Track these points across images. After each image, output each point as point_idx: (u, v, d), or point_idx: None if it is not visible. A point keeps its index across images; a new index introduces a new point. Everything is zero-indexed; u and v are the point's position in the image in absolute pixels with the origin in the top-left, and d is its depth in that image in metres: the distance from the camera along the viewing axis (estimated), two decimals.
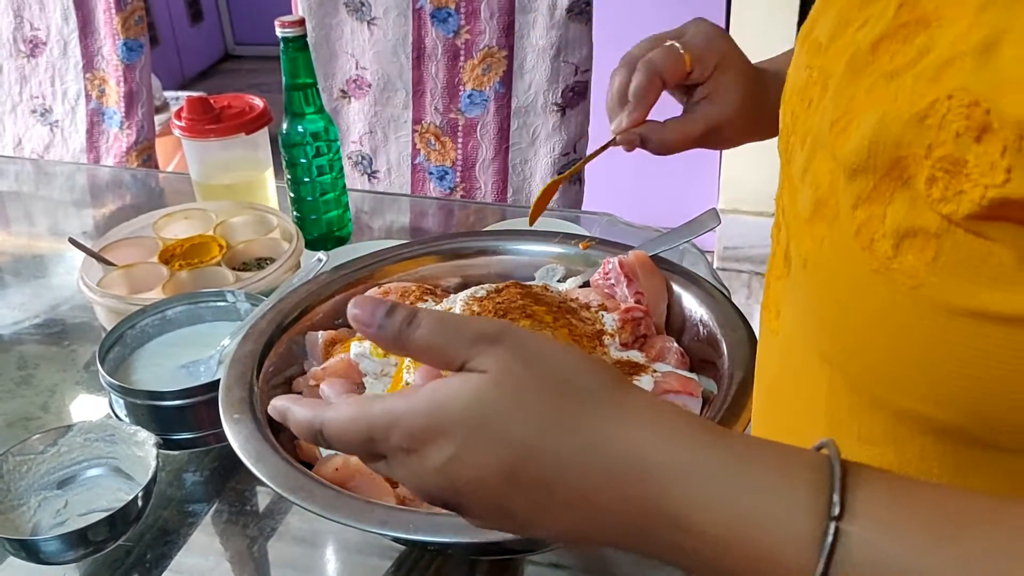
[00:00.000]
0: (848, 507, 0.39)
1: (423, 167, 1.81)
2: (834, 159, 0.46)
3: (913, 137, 0.41)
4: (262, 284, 1.10)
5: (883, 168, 0.43)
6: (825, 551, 0.38)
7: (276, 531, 0.88)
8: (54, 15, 1.97)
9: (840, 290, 0.47)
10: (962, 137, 0.39)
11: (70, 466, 0.89)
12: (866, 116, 0.44)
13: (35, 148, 2.10)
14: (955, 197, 0.40)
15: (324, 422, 0.47)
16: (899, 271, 0.43)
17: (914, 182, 0.41)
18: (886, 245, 0.43)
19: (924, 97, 0.41)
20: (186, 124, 1.30)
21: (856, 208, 0.45)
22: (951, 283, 0.41)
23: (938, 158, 0.40)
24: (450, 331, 0.46)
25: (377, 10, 1.70)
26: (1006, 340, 0.40)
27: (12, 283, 1.34)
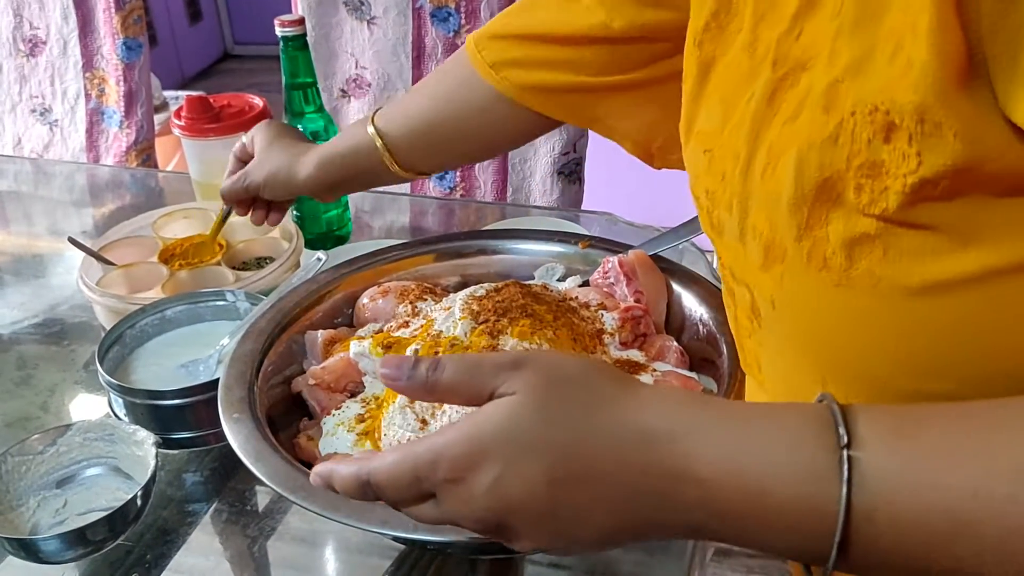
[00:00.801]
0: (854, 436, 0.41)
1: None
2: (769, 203, 0.51)
3: (832, 158, 0.46)
4: (262, 283, 1.10)
5: (812, 195, 0.47)
6: (844, 479, 0.40)
7: (276, 531, 0.88)
8: (54, 14, 1.97)
9: (814, 312, 0.51)
10: (873, 141, 0.44)
11: (69, 466, 0.89)
12: (785, 156, 0.48)
13: (35, 147, 2.10)
14: (882, 196, 0.44)
15: (371, 471, 0.49)
16: (857, 277, 0.47)
17: (844, 197, 0.46)
18: (839, 259, 0.47)
19: (828, 124, 0.45)
20: (186, 123, 1.30)
21: (801, 240, 0.49)
22: (903, 270, 0.45)
23: (858, 167, 0.45)
24: (473, 367, 0.49)
25: (377, 9, 1.70)
26: (958, 302, 0.45)
27: (11, 283, 1.34)
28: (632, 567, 0.84)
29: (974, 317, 0.45)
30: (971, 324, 0.45)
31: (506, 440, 0.46)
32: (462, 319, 0.81)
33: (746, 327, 0.61)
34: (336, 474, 0.52)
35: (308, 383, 0.86)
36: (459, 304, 0.83)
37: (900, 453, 0.41)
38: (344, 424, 0.81)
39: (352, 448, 0.79)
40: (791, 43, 0.50)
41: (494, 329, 0.79)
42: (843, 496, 0.40)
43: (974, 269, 0.44)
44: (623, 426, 0.46)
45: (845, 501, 0.40)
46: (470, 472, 0.47)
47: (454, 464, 0.47)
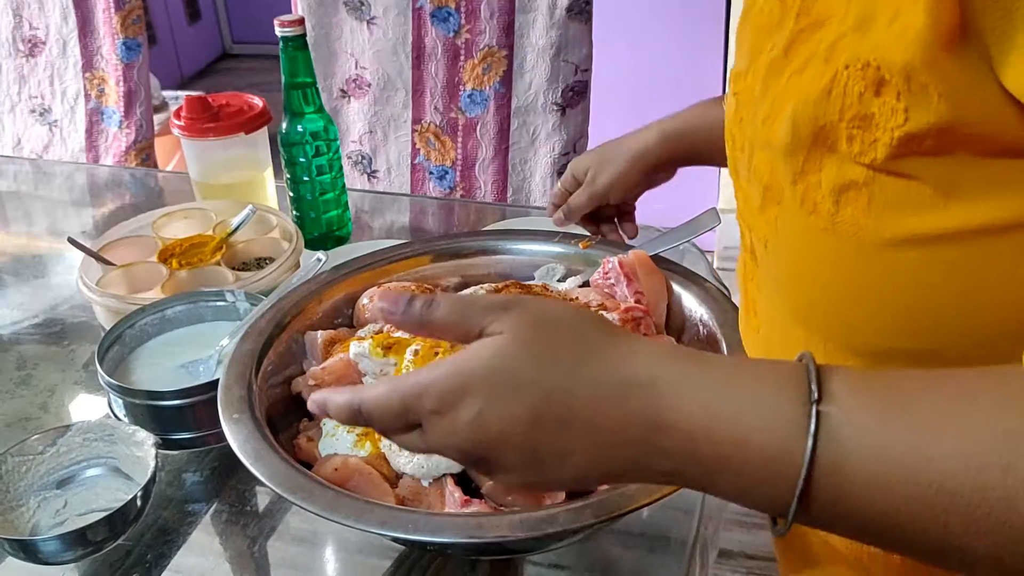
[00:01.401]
0: (825, 392, 0.42)
1: (423, 167, 1.81)
2: (769, 148, 0.54)
3: (826, 108, 0.49)
4: (262, 284, 1.10)
5: (808, 141, 0.51)
6: (811, 432, 0.41)
7: (276, 531, 0.88)
8: (53, 14, 1.97)
9: (799, 255, 0.55)
10: (864, 95, 0.47)
11: (69, 466, 0.89)
12: (787, 105, 0.52)
13: (34, 148, 2.09)
14: (871, 147, 0.47)
15: (363, 400, 0.52)
16: (842, 223, 0.50)
17: (837, 146, 0.49)
18: (827, 204, 0.51)
19: (825, 75, 0.49)
20: (185, 123, 1.30)
21: (796, 184, 0.52)
22: (886, 221, 0.49)
23: (850, 119, 0.48)
24: (465, 307, 0.52)
25: (377, 9, 1.70)
26: (936, 257, 0.48)
27: (11, 283, 1.34)
28: (632, 567, 0.84)
29: (950, 273, 0.48)
30: (946, 280, 0.48)
31: (489, 377, 0.48)
32: None
33: (747, 271, 0.65)
34: (330, 401, 0.54)
35: (308, 383, 0.86)
36: None
37: (872, 412, 0.42)
38: (344, 425, 0.81)
39: (352, 449, 0.79)
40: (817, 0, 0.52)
41: None
42: (808, 448, 0.41)
43: (954, 225, 0.47)
44: (607, 374, 0.47)
45: (810, 454, 0.41)
46: (454, 405, 0.48)
47: (439, 397, 0.49)
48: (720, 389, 0.45)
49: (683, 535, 0.86)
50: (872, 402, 0.42)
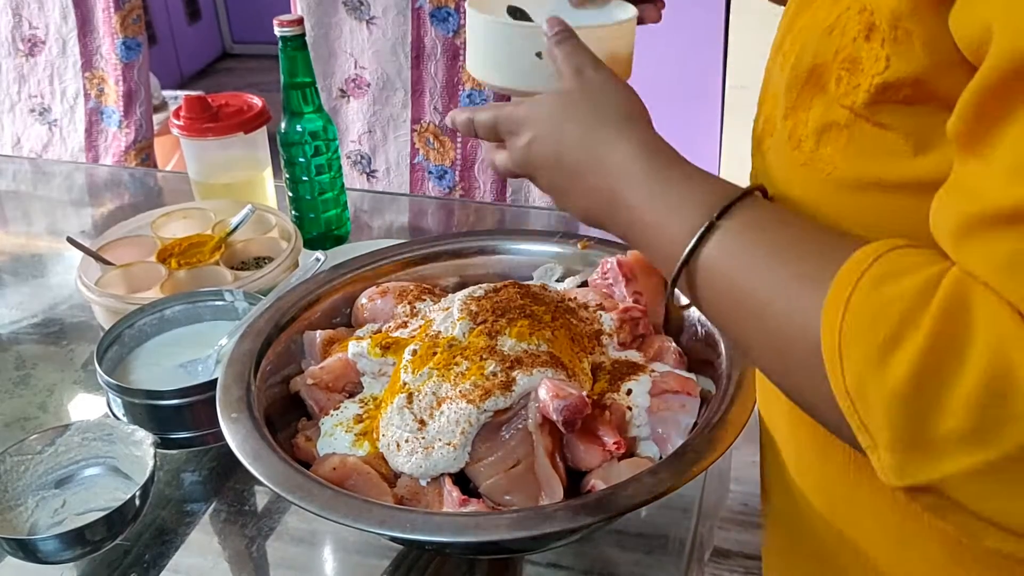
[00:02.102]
0: (731, 213, 0.55)
1: (422, 166, 1.81)
2: (776, 83, 0.59)
3: (824, 47, 0.53)
4: (260, 283, 1.10)
5: (803, 78, 0.55)
6: (697, 235, 0.55)
7: (274, 530, 0.88)
8: (53, 14, 1.97)
9: (781, 186, 0.59)
10: (857, 39, 0.50)
11: (68, 466, 0.89)
12: (800, 39, 0.56)
13: (33, 147, 2.09)
14: (854, 90, 0.51)
15: (476, 117, 0.73)
16: (820, 160, 0.54)
17: (827, 86, 0.53)
18: (810, 142, 0.55)
19: (832, 14, 0.52)
20: (184, 123, 1.30)
21: (787, 118, 0.57)
22: (858, 165, 0.53)
23: (842, 60, 0.51)
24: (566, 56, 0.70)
25: (376, 9, 1.70)
26: (899, 204, 0.51)
27: (10, 282, 1.34)
28: (630, 567, 0.84)
29: (908, 220, 0.50)
30: (903, 225, 0.50)
31: (541, 120, 0.68)
32: (460, 319, 0.81)
33: None
34: (456, 116, 0.75)
35: (306, 383, 0.86)
36: (458, 304, 0.83)
37: (745, 238, 0.54)
38: (342, 424, 0.81)
39: (350, 448, 0.79)
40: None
41: (492, 330, 0.79)
42: (689, 246, 0.55)
43: (918, 176, 0.50)
44: (597, 150, 0.64)
45: (689, 249, 0.55)
46: (519, 131, 0.69)
47: (513, 122, 0.69)
48: (662, 185, 0.60)
49: (680, 535, 0.86)
50: (757, 230, 0.54)
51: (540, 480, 0.74)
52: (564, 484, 0.74)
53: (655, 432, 0.79)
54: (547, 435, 0.75)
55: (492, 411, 0.74)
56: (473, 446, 0.75)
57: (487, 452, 0.75)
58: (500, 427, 0.75)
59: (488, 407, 0.74)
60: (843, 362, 0.45)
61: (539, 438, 0.74)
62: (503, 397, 0.74)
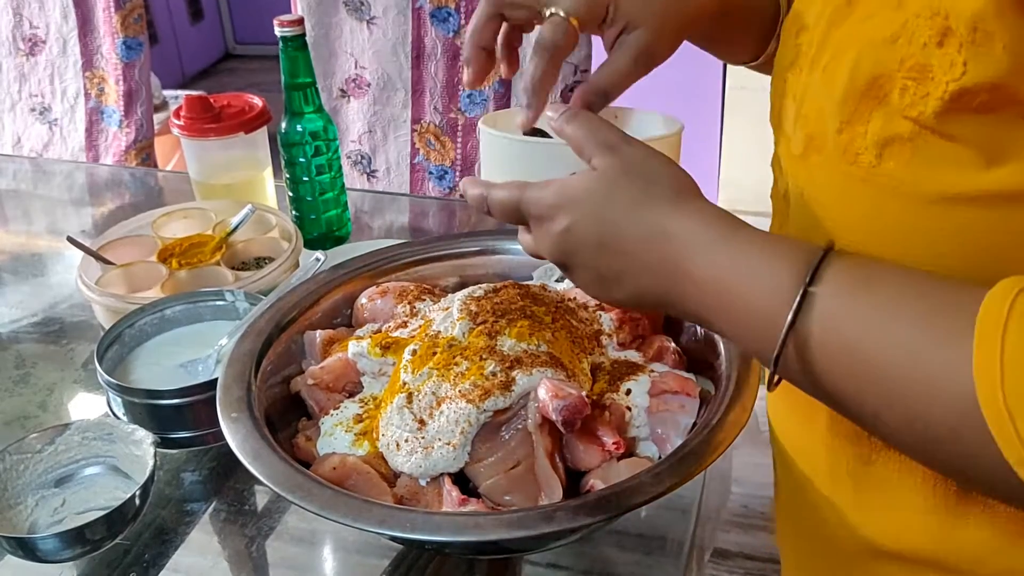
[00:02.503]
0: (820, 276, 0.50)
1: (422, 166, 1.81)
2: (822, 96, 0.56)
3: (887, 56, 0.50)
4: (261, 283, 1.10)
5: (861, 90, 0.52)
6: (794, 306, 0.50)
7: (274, 530, 0.88)
8: (53, 13, 1.97)
9: (833, 203, 0.57)
10: (928, 46, 0.48)
11: (68, 465, 0.89)
12: (849, 52, 0.53)
13: (34, 146, 2.10)
14: (923, 100, 0.48)
15: (491, 194, 0.66)
16: (881, 175, 0.52)
17: (889, 98, 0.50)
18: (870, 156, 0.52)
19: (894, 22, 0.49)
20: (185, 123, 1.30)
21: (841, 132, 0.54)
22: (925, 178, 0.50)
23: (908, 68, 0.49)
24: (585, 137, 0.63)
25: (376, 9, 1.70)
26: (969, 217, 0.49)
27: (10, 281, 1.34)
28: (630, 567, 0.84)
29: (981, 234, 0.49)
30: (976, 240, 0.49)
31: (578, 204, 0.61)
32: (460, 320, 0.81)
33: (777, 211, 0.68)
34: (467, 190, 0.69)
35: (307, 383, 0.86)
36: (457, 305, 0.83)
37: (849, 300, 0.49)
38: (342, 424, 0.81)
39: (350, 448, 0.79)
40: None
41: (492, 330, 0.79)
42: (788, 318, 0.50)
43: (992, 188, 0.48)
44: (657, 226, 0.58)
45: (789, 322, 0.50)
46: (551, 217, 0.62)
47: (543, 207, 0.63)
48: (736, 255, 0.54)
49: (680, 536, 0.86)
50: (858, 291, 0.49)
51: (540, 480, 0.74)
52: (563, 484, 0.74)
53: (654, 432, 0.79)
54: (546, 435, 0.75)
55: (492, 411, 0.74)
56: (473, 446, 0.75)
57: (487, 452, 0.75)
58: (500, 427, 0.75)
59: (488, 407, 0.74)
60: (1015, 422, 0.41)
61: (539, 438, 0.74)
62: (503, 397, 0.74)
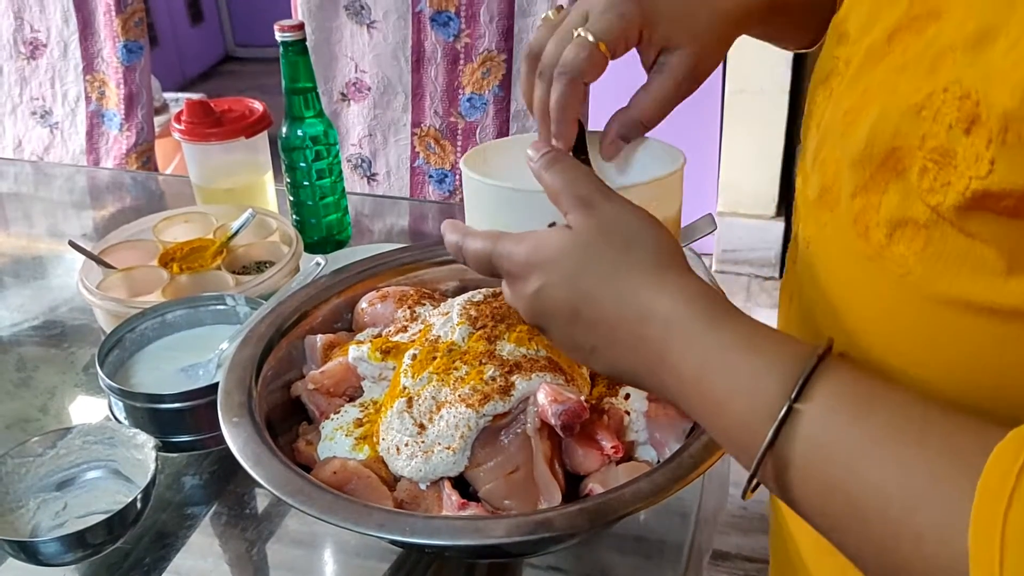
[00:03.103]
0: (809, 392, 0.44)
1: (422, 170, 1.82)
2: (840, 148, 0.49)
3: (909, 128, 0.43)
4: (261, 288, 1.11)
5: (880, 158, 0.45)
6: (775, 424, 0.44)
7: (275, 534, 0.89)
8: (54, 17, 1.97)
9: (837, 274, 0.52)
10: (953, 129, 0.41)
11: (69, 468, 0.89)
12: (873, 108, 0.46)
13: (35, 150, 2.10)
14: (943, 188, 0.42)
15: (464, 244, 0.62)
16: (890, 259, 0.46)
17: (908, 173, 0.44)
18: (880, 234, 0.46)
19: (921, 90, 0.43)
20: (186, 128, 1.30)
21: (855, 197, 0.48)
22: (937, 273, 0.44)
23: (930, 149, 0.42)
24: (565, 184, 0.57)
25: (377, 13, 1.70)
26: (985, 329, 0.43)
27: (11, 285, 1.34)
28: (629, 571, 0.84)
29: (991, 351, 0.43)
30: (984, 356, 0.43)
31: (549, 265, 0.55)
32: (460, 324, 0.81)
33: (792, 251, 0.62)
34: (445, 235, 0.64)
35: (307, 387, 0.87)
36: (457, 309, 0.84)
37: (838, 427, 0.43)
38: (343, 428, 0.82)
39: (350, 452, 0.80)
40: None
41: (491, 335, 0.79)
42: (768, 437, 0.44)
43: (1011, 303, 0.42)
44: (632, 296, 0.52)
45: (768, 441, 0.45)
46: (523, 276, 0.57)
47: (515, 264, 0.57)
48: (721, 350, 0.49)
49: (678, 539, 0.86)
50: (844, 415, 0.43)
51: (539, 484, 0.75)
52: (562, 488, 0.75)
53: (653, 437, 0.79)
54: (546, 439, 0.75)
55: (491, 415, 0.74)
56: (472, 450, 0.75)
57: (486, 456, 0.75)
58: (499, 431, 0.75)
59: (487, 411, 0.74)
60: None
61: (538, 442, 0.74)
62: (502, 401, 0.74)
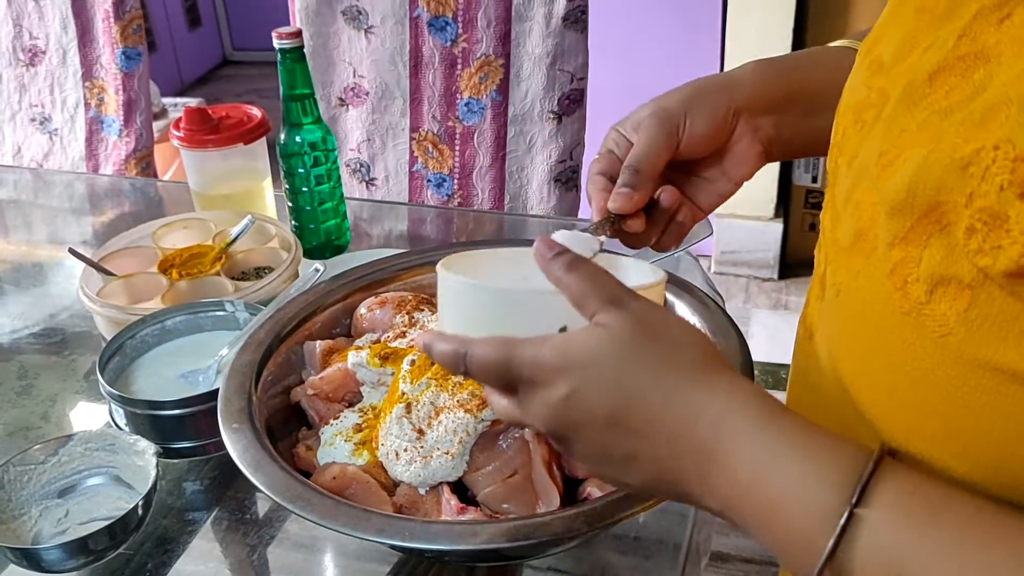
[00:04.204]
0: (869, 497, 0.42)
1: (421, 174, 1.82)
2: (876, 192, 0.46)
3: (955, 183, 0.40)
4: (261, 294, 1.11)
5: (921, 210, 0.42)
6: (836, 531, 0.42)
7: (275, 538, 0.89)
8: (53, 24, 1.98)
9: (869, 326, 0.48)
10: (1005, 191, 0.38)
11: (71, 475, 0.90)
12: (912, 153, 0.43)
13: (34, 156, 2.10)
14: (992, 251, 0.39)
15: (469, 352, 0.54)
16: (930, 317, 0.43)
17: (952, 229, 0.41)
18: (919, 290, 0.43)
19: (969, 143, 0.39)
20: (185, 134, 1.31)
21: (892, 247, 0.45)
22: (980, 337, 0.41)
23: (978, 208, 0.39)
24: (587, 290, 0.53)
25: (374, 18, 1.71)
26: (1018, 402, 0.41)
27: (11, 292, 1.35)
28: (629, 571, 0.85)
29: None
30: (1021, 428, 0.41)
31: (584, 367, 0.50)
32: None
33: (816, 289, 0.59)
34: (435, 347, 0.57)
35: (307, 393, 0.87)
36: None
37: (900, 534, 0.42)
38: (342, 434, 0.82)
39: (350, 458, 0.80)
40: (990, 23, 0.41)
41: None
42: (829, 545, 0.42)
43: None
44: (683, 396, 0.49)
45: (830, 550, 0.42)
46: (549, 381, 0.51)
47: (540, 367, 0.52)
48: (775, 451, 0.46)
49: (677, 540, 0.87)
50: (906, 521, 0.42)
51: (537, 488, 0.75)
52: (560, 492, 0.75)
53: None
54: (543, 444, 0.76)
55: (489, 420, 0.75)
56: (471, 455, 0.76)
57: (485, 461, 0.76)
58: (497, 436, 0.76)
59: (485, 417, 0.75)
60: None
61: (535, 447, 0.75)
62: None
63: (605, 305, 0.52)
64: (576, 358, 0.51)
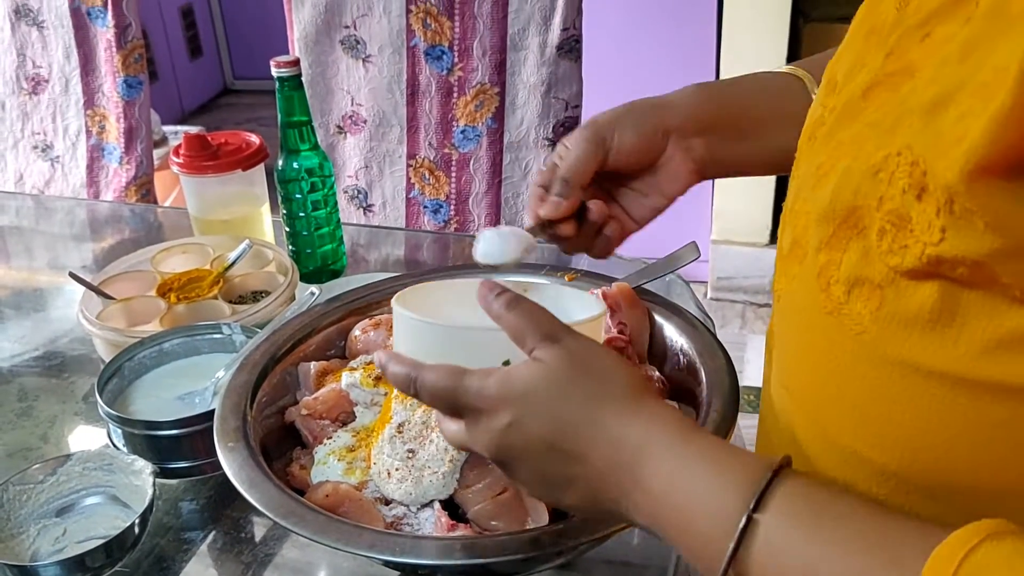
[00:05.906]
0: (766, 503, 0.46)
1: (418, 201, 1.85)
2: (811, 202, 0.50)
3: (868, 189, 0.44)
4: (257, 317, 1.13)
5: (841, 216, 0.46)
6: (737, 533, 0.46)
7: (271, 558, 0.90)
8: (56, 53, 2.01)
9: (802, 327, 0.52)
10: (907, 194, 0.41)
11: (69, 495, 0.91)
12: (841, 163, 0.46)
13: (36, 183, 2.13)
14: (900, 251, 0.42)
15: (420, 377, 0.59)
16: (848, 316, 0.47)
17: (868, 232, 0.44)
18: (840, 290, 0.47)
19: (880, 150, 0.43)
20: (184, 161, 1.33)
21: (819, 252, 0.48)
22: (889, 334, 0.44)
23: (887, 211, 0.43)
24: (526, 326, 0.58)
25: (372, 48, 1.74)
26: (933, 393, 0.44)
27: (12, 316, 1.36)
28: None
29: (946, 422, 0.43)
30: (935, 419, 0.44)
31: (524, 398, 0.55)
32: None
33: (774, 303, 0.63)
34: (390, 368, 0.62)
35: (301, 413, 0.88)
36: None
37: (788, 534, 0.45)
38: (335, 453, 0.84)
39: (343, 476, 0.81)
40: (914, 41, 0.45)
41: None
42: (730, 547, 0.46)
43: (958, 370, 0.42)
44: (611, 428, 0.53)
45: (731, 551, 0.46)
46: (492, 411, 0.56)
47: (482, 399, 0.56)
48: (687, 466, 0.50)
49: (663, 562, 0.88)
50: (794, 522, 0.46)
51: (526, 505, 0.77)
52: (549, 509, 0.76)
53: None
54: None
55: None
56: (462, 473, 0.77)
57: (475, 479, 0.77)
58: None
59: None
60: None
61: None
62: None
63: (542, 341, 0.57)
64: (517, 390, 0.55)
